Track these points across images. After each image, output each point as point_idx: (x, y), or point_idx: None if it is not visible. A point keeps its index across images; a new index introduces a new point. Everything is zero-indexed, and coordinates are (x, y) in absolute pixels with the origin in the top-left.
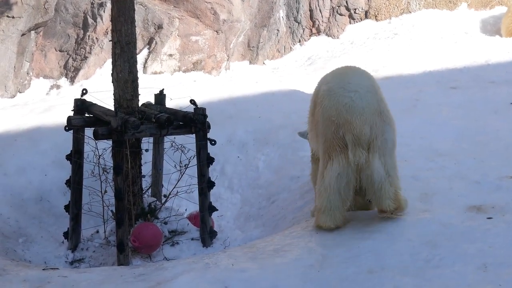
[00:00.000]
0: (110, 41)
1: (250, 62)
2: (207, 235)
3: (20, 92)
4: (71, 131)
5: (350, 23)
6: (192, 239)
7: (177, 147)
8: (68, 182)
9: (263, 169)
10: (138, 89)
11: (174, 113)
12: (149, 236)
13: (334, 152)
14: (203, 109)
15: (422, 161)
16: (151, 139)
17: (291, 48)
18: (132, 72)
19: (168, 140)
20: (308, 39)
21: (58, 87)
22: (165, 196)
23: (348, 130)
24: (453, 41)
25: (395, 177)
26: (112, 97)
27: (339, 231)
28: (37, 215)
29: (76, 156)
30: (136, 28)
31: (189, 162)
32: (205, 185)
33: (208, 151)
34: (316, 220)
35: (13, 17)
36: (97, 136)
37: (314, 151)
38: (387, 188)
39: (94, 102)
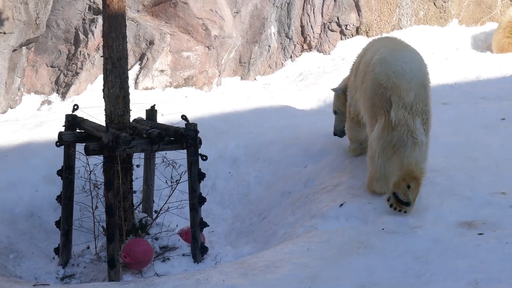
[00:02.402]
0: (101, 56)
1: (242, 78)
2: (198, 251)
3: (11, 108)
4: (62, 147)
5: (341, 39)
6: (183, 255)
7: (168, 162)
8: (59, 198)
9: (254, 184)
10: (130, 104)
11: (166, 128)
12: (140, 252)
13: (379, 115)
14: (195, 125)
15: None
16: (142, 155)
17: (282, 64)
18: (124, 87)
19: (159, 156)
20: (300, 55)
21: (49, 102)
22: (156, 211)
23: (395, 93)
24: (444, 57)
25: (427, 153)
26: (104, 112)
27: (330, 246)
28: (28, 230)
29: (67, 172)
30: (128, 44)
31: (180, 177)
32: (196, 200)
33: (200, 167)
34: (369, 186)
35: (4, 33)
36: (88, 152)
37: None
38: (424, 151)
39: (85, 118)
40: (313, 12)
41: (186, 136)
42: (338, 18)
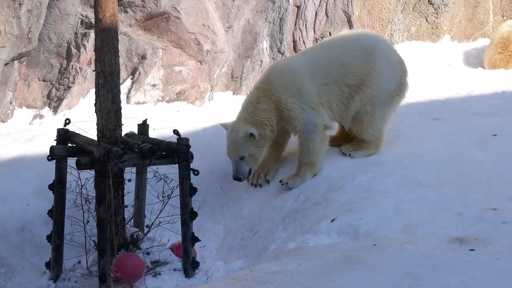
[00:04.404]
0: (93, 71)
1: (234, 93)
2: (190, 266)
3: (3, 122)
4: (54, 161)
5: None
6: (175, 269)
7: (160, 177)
8: (50, 212)
9: (245, 199)
10: (121, 119)
11: (157, 143)
12: (131, 267)
13: (401, 93)
14: (186, 139)
15: (404, 192)
16: (134, 169)
17: None
18: (116, 102)
19: (151, 170)
20: None
21: (41, 117)
22: (147, 226)
23: (406, 71)
24: (436, 73)
25: None
26: (95, 127)
27: (322, 262)
28: (19, 245)
29: (58, 186)
30: (120, 58)
31: (172, 192)
32: (188, 215)
33: (191, 181)
34: (378, 147)
35: None
36: (80, 166)
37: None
38: None
39: (77, 132)
40: (305, 27)
41: (178, 151)
42: (330, 33)
